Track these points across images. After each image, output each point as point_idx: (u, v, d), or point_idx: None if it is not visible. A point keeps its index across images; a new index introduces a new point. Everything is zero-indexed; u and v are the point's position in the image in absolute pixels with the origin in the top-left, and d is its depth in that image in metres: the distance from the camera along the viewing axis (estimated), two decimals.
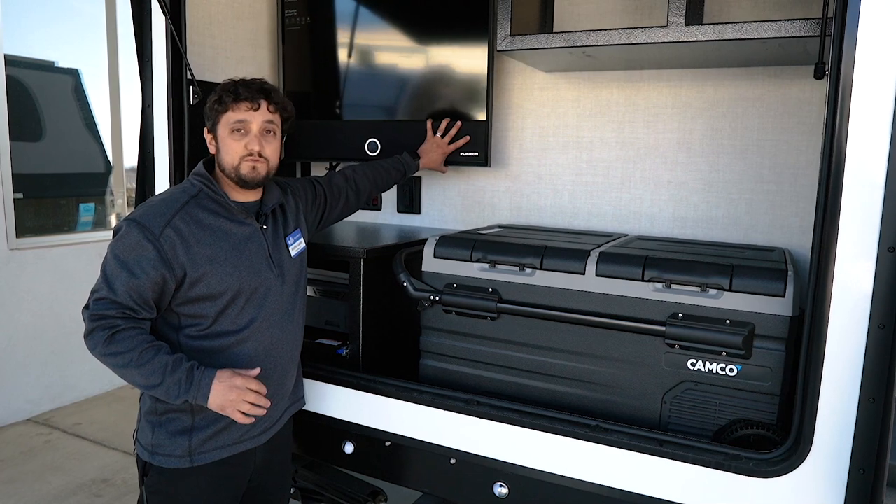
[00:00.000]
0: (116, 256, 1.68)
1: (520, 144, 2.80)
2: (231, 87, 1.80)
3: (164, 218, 1.71)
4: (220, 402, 1.67)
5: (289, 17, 2.88)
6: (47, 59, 4.97)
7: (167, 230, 1.69)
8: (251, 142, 1.79)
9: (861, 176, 1.43)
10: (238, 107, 1.78)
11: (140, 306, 1.67)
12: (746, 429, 1.79)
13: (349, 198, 2.23)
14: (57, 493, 3.57)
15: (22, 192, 4.53)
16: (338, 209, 2.21)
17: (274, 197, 1.92)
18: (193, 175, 1.85)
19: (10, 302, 4.41)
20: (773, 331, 1.76)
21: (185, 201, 1.77)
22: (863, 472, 1.49)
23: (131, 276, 1.65)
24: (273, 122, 1.84)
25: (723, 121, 2.43)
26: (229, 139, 1.80)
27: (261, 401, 1.71)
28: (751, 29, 1.91)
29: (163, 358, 1.65)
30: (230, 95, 1.78)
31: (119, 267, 1.66)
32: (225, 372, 1.69)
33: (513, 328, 2.08)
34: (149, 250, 1.66)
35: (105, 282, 1.67)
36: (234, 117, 1.79)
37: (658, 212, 2.57)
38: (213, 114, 1.82)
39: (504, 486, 1.95)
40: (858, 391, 1.47)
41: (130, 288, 1.65)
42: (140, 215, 1.72)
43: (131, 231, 1.68)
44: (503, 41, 2.32)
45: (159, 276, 1.67)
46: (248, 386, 1.69)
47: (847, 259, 1.46)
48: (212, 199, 1.80)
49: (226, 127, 1.80)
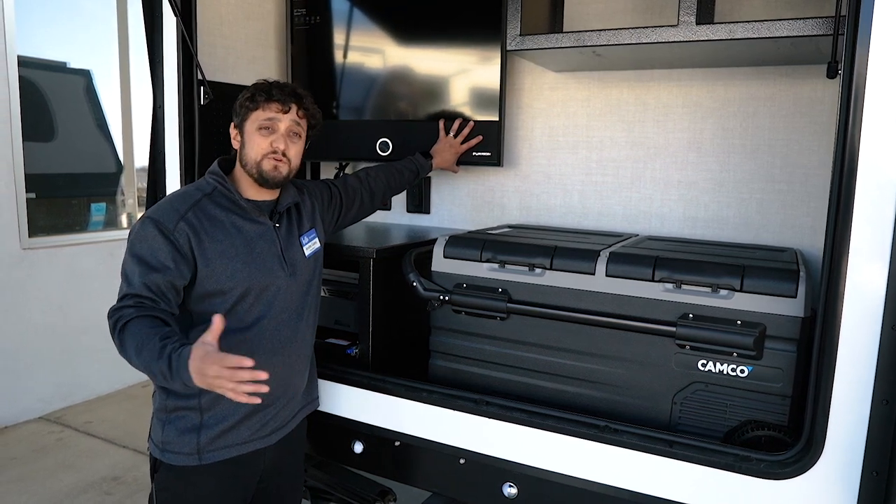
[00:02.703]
0: (133, 253, 1.70)
1: (529, 144, 2.80)
2: (265, 87, 1.83)
3: (177, 213, 1.74)
4: (202, 381, 1.47)
5: (298, 17, 2.89)
6: (59, 60, 5.00)
7: (181, 224, 1.72)
8: (277, 140, 1.83)
9: (874, 175, 1.42)
10: (269, 107, 1.82)
11: (157, 296, 1.66)
12: (757, 430, 1.78)
13: (363, 200, 2.23)
14: (68, 491, 3.59)
15: (34, 191, 4.56)
16: (353, 211, 2.21)
17: (289, 196, 1.94)
18: (209, 174, 1.88)
19: (23, 301, 4.44)
20: (784, 332, 1.75)
21: (198, 198, 1.80)
22: (876, 474, 1.48)
23: (147, 269, 1.67)
24: (300, 126, 1.88)
25: (734, 120, 2.42)
26: (256, 135, 1.83)
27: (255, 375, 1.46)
28: (762, 28, 1.90)
29: (152, 345, 1.53)
30: (262, 95, 1.82)
31: (135, 262, 1.69)
32: (196, 351, 1.48)
33: (522, 328, 2.07)
34: (163, 244, 1.69)
35: (126, 280, 1.69)
36: (264, 116, 1.82)
37: (668, 212, 2.56)
38: (243, 111, 1.85)
39: (513, 487, 1.94)
40: (871, 393, 1.46)
41: (147, 280, 1.66)
42: (154, 212, 1.75)
43: (146, 227, 1.72)
44: (513, 41, 2.32)
45: (175, 268, 1.69)
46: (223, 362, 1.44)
47: (860, 259, 1.44)
48: (226, 196, 1.83)
49: (254, 124, 1.83)
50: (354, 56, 2.84)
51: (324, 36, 2.87)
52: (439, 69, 2.67)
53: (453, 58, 2.64)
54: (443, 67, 2.66)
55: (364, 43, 2.81)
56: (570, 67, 2.64)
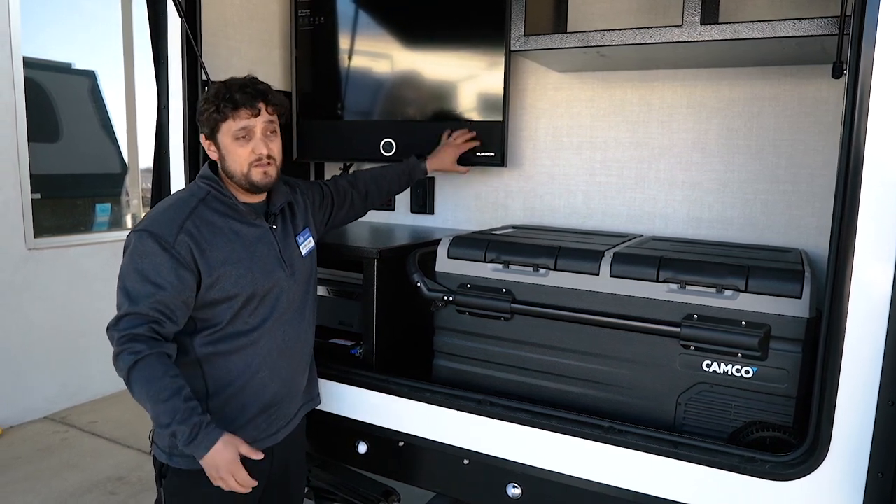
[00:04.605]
0: (135, 269, 1.65)
1: (533, 145, 2.79)
2: (225, 93, 1.73)
3: (175, 224, 1.68)
4: (215, 463, 1.63)
5: (302, 18, 2.89)
6: (64, 62, 5.02)
7: (181, 236, 1.67)
8: (258, 146, 1.76)
9: (880, 175, 1.42)
10: (238, 114, 1.73)
11: (166, 317, 1.64)
12: (762, 431, 1.78)
13: (354, 201, 2.22)
14: (73, 491, 3.61)
15: (39, 192, 4.57)
16: (343, 212, 2.20)
17: (282, 196, 1.91)
18: (200, 178, 1.83)
19: (28, 301, 4.46)
20: (789, 332, 1.74)
21: (194, 205, 1.74)
22: (881, 476, 1.47)
23: (155, 288, 1.63)
24: (273, 122, 1.81)
25: (738, 120, 2.41)
26: (234, 146, 1.75)
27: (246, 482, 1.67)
28: (767, 28, 1.89)
29: (177, 403, 1.60)
30: (228, 104, 1.72)
31: (139, 280, 1.64)
32: (228, 448, 1.64)
33: (526, 329, 2.07)
34: (166, 259, 1.65)
35: (127, 297, 1.64)
36: (236, 126, 1.74)
37: (672, 212, 2.55)
38: (212, 122, 1.76)
39: (517, 487, 1.94)
40: (877, 394, 1.45)
41: (155, 300, 1.63)
42: (150, 225, 1.69)
43: (145, 242, 1.66)
44: (517, 41, 2.32)
45: (180, 283, 1.65)
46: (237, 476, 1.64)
47: (865, 260, 1.44)
48: (220, 201, 1.79)
49: (228, 135, 1.75)
50: (358, 57, 2.84)
51: (328, 36, 2.87)
52: (443, 69, 2.66)
53: (457, 58, 2.64)
54: (446, 68, 2.66)
55: (368, 43, 2.82)
56: (574, 68, 2.64)
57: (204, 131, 1.80)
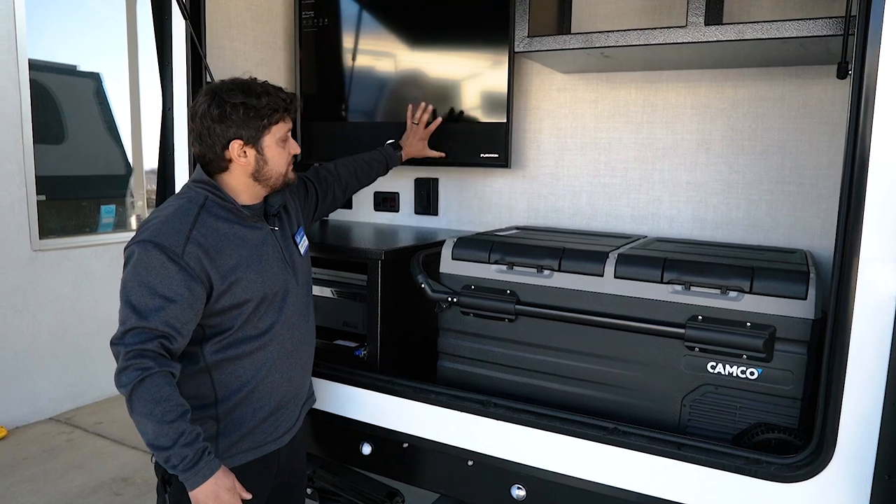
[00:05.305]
0: (140, 283, 1.58)
1: (537, 146, 2.79)
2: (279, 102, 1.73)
3: (181, 235, 1.62)
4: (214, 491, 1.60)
5: (306, 19, 2.90)
6: (69, 64, 5.04)
7: (189, 246, 1.61)
8: (292, 146, 1.81)
9: (885, 176, 1.41)
10: (286, 118, 1.77)
11: (176, 331, 1.59)
12: (767, 433, 1.77)
13: (335, 193, 2.23)
14: (78, 492, 3.61)
15: (45, 193, 4.59)
16: (326, 204, 2.21)
17: (278, 197, 1.87)
18: (194, 183, 1.75)
19: (34, 302, 4.47)
20: (794, 334, 1.74)
21: (196, 213, 1.67)
22: (888, 477, 1.47)
23: (164, 301, 1.57)
24: None
25: (743, 121, 2.41)
26: (278, 150, 1.76)
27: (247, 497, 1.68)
28: (771, 28, 1.89)
29: (182, 426, 1.56)
30: (276, 110, 1.72)
31: (147, 294, 1.58)
32: (228, 476, 1.63)
33: (530, 330, 2.07)
34: (175, 271, 1.59)
35: (133, 311, 1.57)
36: (285, 128, 1.77)
37: (677, 213, 2.55)
38: (258, 127, 1.71)
39: (521, 489, 1.94)
40: (883, 395, 1.45)
41: (165, 314, 1.57)
42: (154, 236, 1.61)
43: (151, 254, 1.59)
44: (521, 42, 2.32)
45: (192, 296, 1.61)
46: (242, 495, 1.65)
47: (871, 261, 1.43)
48: (221, 206, 1.73)
49: (273, 139, 1.75)
50: (362, 58, 2.85)
51: (332, 38, 2.87)
52: (447, 71, 2.67)
53: (460, 59, 2.64)
54: (450, 69, 2.66)
55: (371, 45, 2.82)
56: (578, 69, 2.63)
57: (240, 136, 1.70)
